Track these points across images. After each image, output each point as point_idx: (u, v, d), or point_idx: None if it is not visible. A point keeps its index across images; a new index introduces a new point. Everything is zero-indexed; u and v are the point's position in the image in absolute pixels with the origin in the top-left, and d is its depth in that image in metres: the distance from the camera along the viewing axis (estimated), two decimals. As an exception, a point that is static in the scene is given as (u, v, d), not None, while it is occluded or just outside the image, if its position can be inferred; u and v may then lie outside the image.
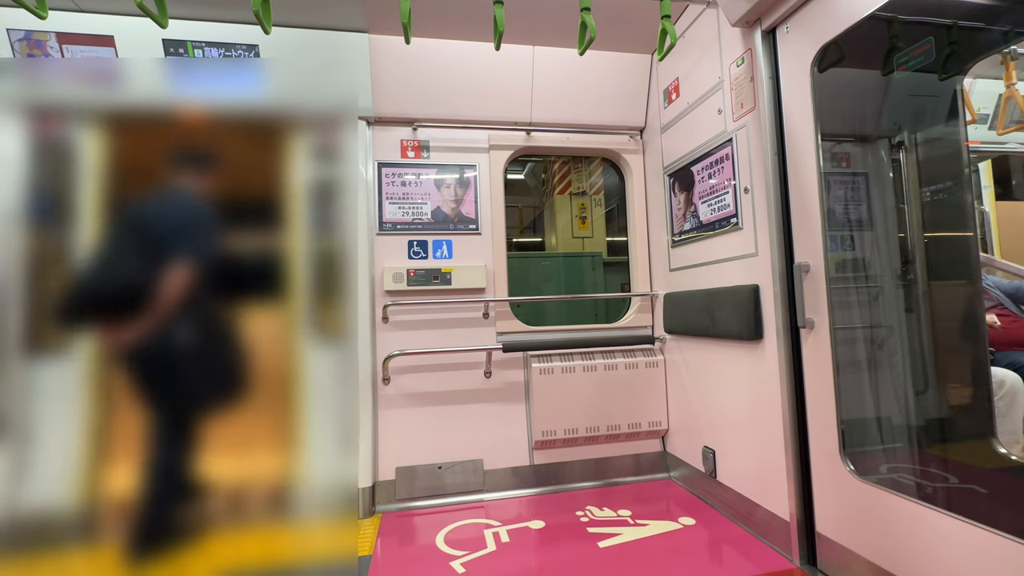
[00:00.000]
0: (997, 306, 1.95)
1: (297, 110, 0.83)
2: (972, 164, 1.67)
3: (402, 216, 2.69)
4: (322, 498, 0.81)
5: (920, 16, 1.62)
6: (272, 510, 0.80)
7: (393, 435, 2.57)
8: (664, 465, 2.82)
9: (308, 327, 0.82)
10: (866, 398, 1.80)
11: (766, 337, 1.93)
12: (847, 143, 1.91)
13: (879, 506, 1.55)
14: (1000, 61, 1.79)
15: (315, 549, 0.81)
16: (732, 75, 2.08)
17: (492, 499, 2.57)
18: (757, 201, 1.96)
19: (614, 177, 3.21)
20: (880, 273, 1.85)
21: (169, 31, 2.25)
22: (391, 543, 2.13)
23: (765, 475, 1.97)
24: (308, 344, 0.82)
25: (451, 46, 2.59)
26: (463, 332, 2.69)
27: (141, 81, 0.82)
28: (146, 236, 0.64)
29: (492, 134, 2.80)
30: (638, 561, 1.89)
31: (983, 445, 1.61)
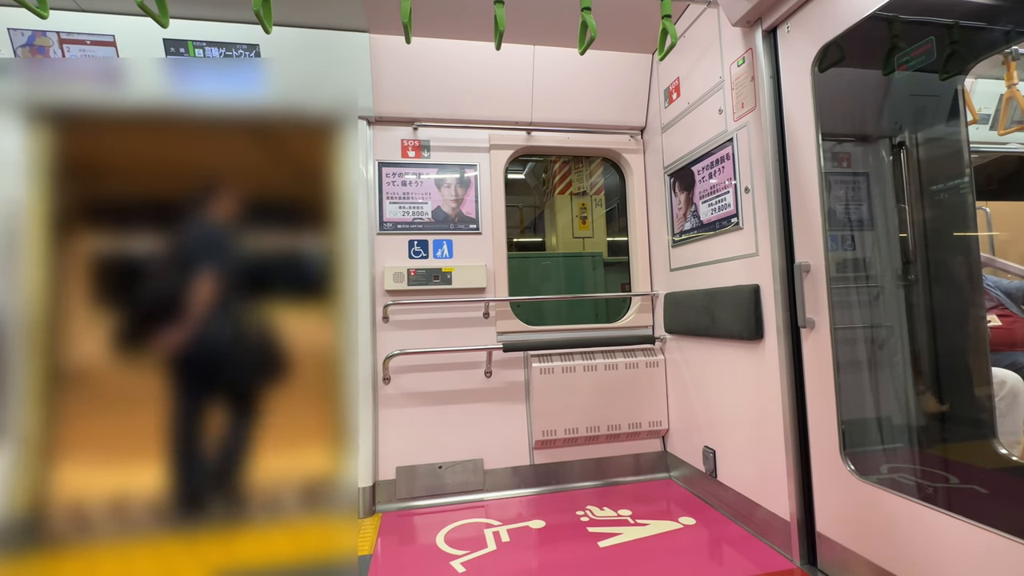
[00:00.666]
0: (998, 306, 1.95)
1: (297, 110, 0.84)
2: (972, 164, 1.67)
3: (402, 216, 2.69)
4: (322, 497, 0.81)
5: (921, 16, 1.62)
6: (271, 508, 0.80)
7: (393, 435, 2.57)
8: (664, 465, 2.82)
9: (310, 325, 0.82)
10: (866, 398, 1.80)
11: (766, 337, 1.93)
12: (848, 143, 1.91)
13: (879, 506, 1.55)
14: (1001, 61, 1.79)
15: (315, 548, 0.81)
16: (733, 75, 2.08)
17: (492, 499, 2.57)
18: (758, 201, 1.96)
19: (614, 177, 3.21)
20: (881, 273, 1.84)
21: (170, 31, 2.25)
22: (391, 542, 2.13)
23: (765, 475, 1.97)
24: (310, 343, 0.82)
25: (452, 46, 2.59)
26: (463, 332, 2.69)
27: (142, 81, 0.82)
28: (181, 257, 0.78)
29: (493, 134, 2.80)
30: (638, 561, 1.89)
31: (984, 445, 1.61)
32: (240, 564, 0.79)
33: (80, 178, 0.78)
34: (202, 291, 0.76)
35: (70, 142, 0.79)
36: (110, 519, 0.75)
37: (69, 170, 0.78)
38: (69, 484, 0.75)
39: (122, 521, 0.76)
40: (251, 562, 0.79)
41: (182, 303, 0.76)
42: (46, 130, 0.77)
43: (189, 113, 0.81)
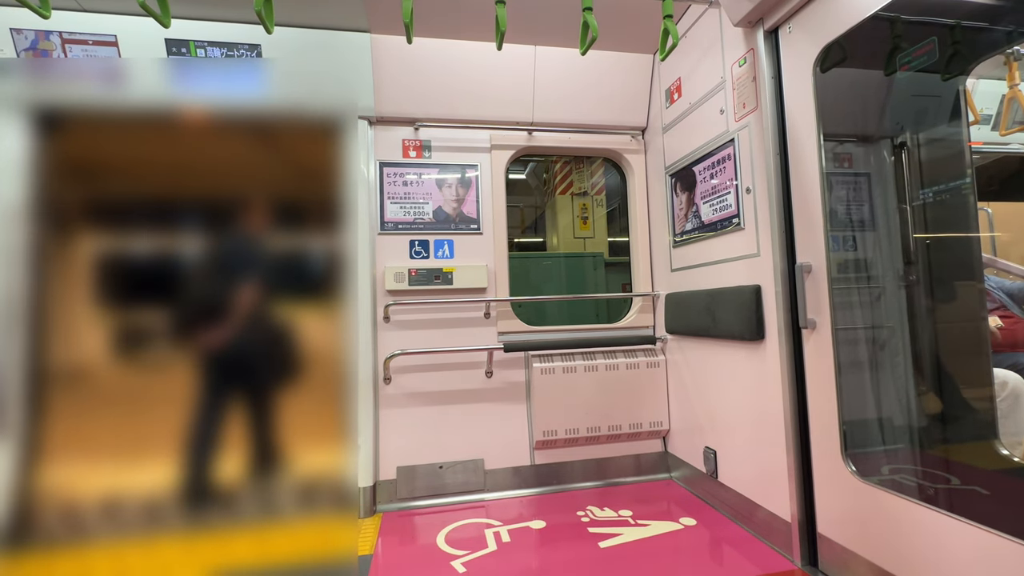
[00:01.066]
0: (1000, 307, 1.95)
1: (298, 110, 0.84)
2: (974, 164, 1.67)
3: (403, 216, 2.69)
4: (322, 497, 0.81)
5: (923, 16, 1.62)
6: (271, 508, 0.80)
7: (394, 434, 2.58)
8: (665, 465, 2.82)
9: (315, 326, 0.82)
10: (868, 399, 1.80)
11: (768, 337, 1.93)
12: (849, 143, 1.91)
13: (881, 507, 1.55)
14: (1003, 62, 1.79)
15: (315, 548, 0.81)
16: (734, 75, 2.08)
17: (493, 499, 2.57)
18: (759, 201, 1.96)
19: (616, 177, 3.21)
20: (882, 274, 1.84)
21: (172, 31, 2.25)
22: (392, 543, 2.13)
23: (766, 476, 1.97)
24: (311, 343, 0.82)
25: (453, 46, 2.60)
26: (464, 332, 2.69)
27: (143, 81, 0.82)
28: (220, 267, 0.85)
29: (494, 134, 2.81)
30: (639, 561, 1.88)
31: (985, 446, 1.61)
32: (239, 564, 0.79)
33: (81, 179, 0.79)
34: (245, 297, 0.83)
35: (70, 143, 0.79)
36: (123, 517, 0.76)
37: (69, 171, 0.79)
38: (89, 483, 0.76)
39: (130, 520, 0.76)
40: (250, 562, 0.79)
41: (220, 306, 0.82)
42: (47, 131, 0.78)
43: (189, 113, 0.82)
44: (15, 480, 0.73)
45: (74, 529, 0.75)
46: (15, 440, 0.74)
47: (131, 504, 0.77)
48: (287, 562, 0.80)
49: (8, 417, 0.74)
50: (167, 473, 0.78)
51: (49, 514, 0.74)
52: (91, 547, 0.75)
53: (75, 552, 0.74)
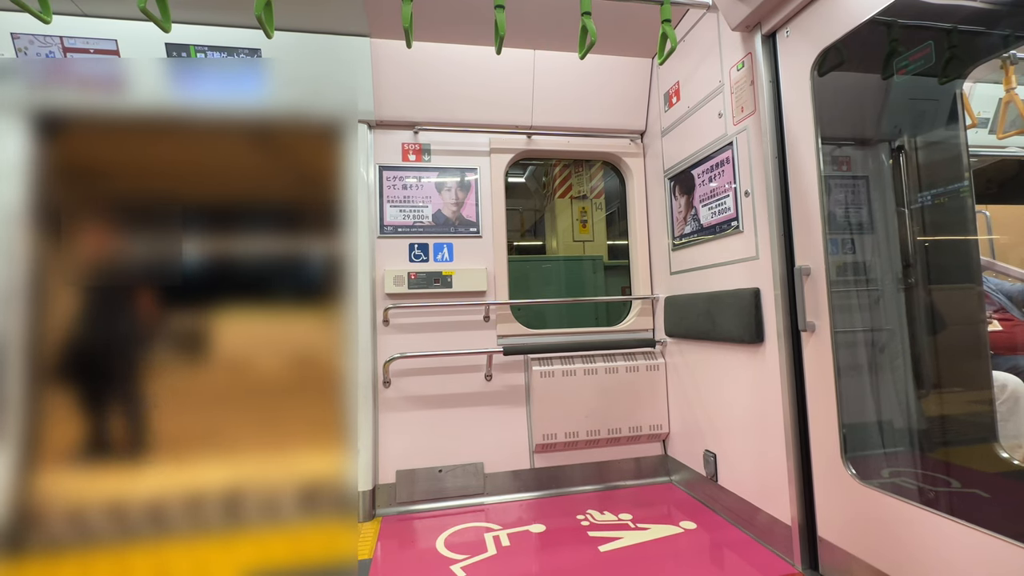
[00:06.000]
0: (999, 310, 1.95)
1: (298, 113, 0.84)
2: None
3: (403, 219, 2.69)
4: (322, 501, 0.81)
5: (920, 20, 1.63)
6: (270, 513, 0.80)
7: (393, 438, 2.57)
8: (665, 469, 2.81)
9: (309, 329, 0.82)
10: (867, 402, 1.80)
11: (767, 341, 1.93)
12: (847, 147, 1.91)
13: (881, 510, 1.54)
14: (1000, 65, 1.80)
15: (314, 553, 0.81)
16: (732, 79, 2.09)
17: (492, 502, 2.56)
18: (758, 204, 1.96)
19: (615, 180, 3.22)
20: (881, 276, 1.85)
21: (172, 35, 2.26)
22: (391, 547, 2.13)
23: (766, 479, 1.96)
24: (310, 347, 0.82)
25: (452, 50, 2.61)
26: (464, 335, 2.69)
27: (142, 82, 0.82)
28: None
29: (493, 137, 2.81)
30: (639, 565, 1.88)
31: (985, 449, 1.61)
32: (240, 568, 0.78)
33: (81, 180, 0.79)
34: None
35: (70, 144, 0.79)
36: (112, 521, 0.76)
37: (69, 172, 0.79)
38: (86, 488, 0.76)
39: (120, 525, 0.76)
40: (251, 566, 0.79)
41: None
42: (47, 132, 0.78)
43: (189, 115, 0.82)
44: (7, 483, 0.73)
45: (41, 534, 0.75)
46: (10, 442, 0.74)
47: (133, 508, 0.77)
48: (287, 566, 0.80)
49: (8, 417, 0.74)
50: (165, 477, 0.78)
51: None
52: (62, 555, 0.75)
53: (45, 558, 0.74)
